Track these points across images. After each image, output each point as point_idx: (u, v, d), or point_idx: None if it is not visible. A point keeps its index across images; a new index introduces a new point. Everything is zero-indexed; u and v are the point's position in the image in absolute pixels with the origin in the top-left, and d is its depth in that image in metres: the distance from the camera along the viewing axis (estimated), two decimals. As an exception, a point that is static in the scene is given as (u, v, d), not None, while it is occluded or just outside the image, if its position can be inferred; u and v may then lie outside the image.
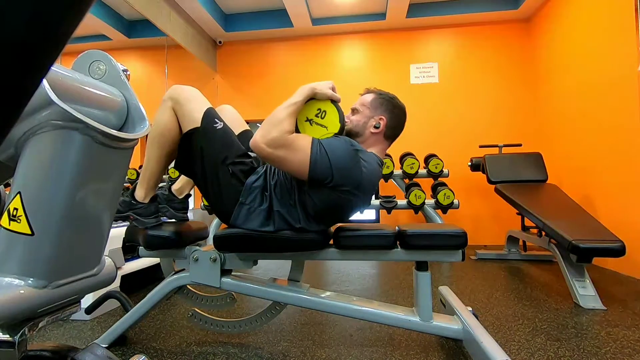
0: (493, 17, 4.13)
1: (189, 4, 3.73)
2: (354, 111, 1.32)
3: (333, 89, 1.19)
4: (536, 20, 3.99)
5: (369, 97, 1.31)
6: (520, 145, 3.45)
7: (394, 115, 1.28)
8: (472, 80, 4.23)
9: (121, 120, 0.83)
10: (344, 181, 1.11)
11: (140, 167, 3.80)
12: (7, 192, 0.72)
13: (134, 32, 4.50)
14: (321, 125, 1.18)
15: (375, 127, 1.26)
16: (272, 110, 1.15)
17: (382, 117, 1.26)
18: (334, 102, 1.19)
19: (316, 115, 1.18)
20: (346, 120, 1.26)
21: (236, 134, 1.34)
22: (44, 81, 0.62)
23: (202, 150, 1.19)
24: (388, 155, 3.37)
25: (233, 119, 1.43)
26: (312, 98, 1.18)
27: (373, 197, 2.14)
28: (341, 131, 1.19)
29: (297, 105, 1.15)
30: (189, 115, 1.21)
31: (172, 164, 1.34)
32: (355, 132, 1.28)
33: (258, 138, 1.10)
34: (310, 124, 1.19)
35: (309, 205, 1.18)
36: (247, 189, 1.20)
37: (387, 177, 3.36)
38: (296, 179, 1.19)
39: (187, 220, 1.46)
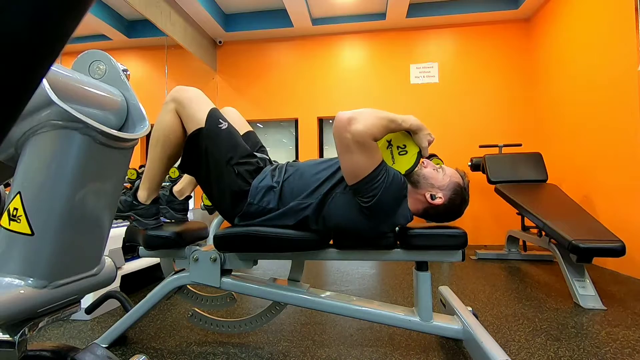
0: (493, 17, 4.13)
1: (189, 4, 3.73)
2: (437, 167, 1.26)
3: (429, 143, 1.16)
4: (536, 20, 4.00)
5: (454, 178, 1.25)
6: (520, 145, 3.45)
7: (451, 204, 1.23)
8: (472, 80, 4.24)
9: (121, 120, 0.83)
10: (375, 212, 1.13)
11: (141, 167, 3.80)
12: (7, 192, 0.72)
13: (134, 32, 4.50)
14: (392, 157, 1.19)
15: (431, 197, 1.21)
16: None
17: (442, 196, 1.21)
18: (419, 154, 1.18)
19: (398, 147, 1.19)
20: (421, 167, 1.23)
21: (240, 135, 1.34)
22: (44, 81, 0.62)
23: (207, 151, 1.19)
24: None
25: (237, 121, 1.42)
26: (409, 132, 1.16)
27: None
28: (404, 173, 1.19)
29: (398, 127, 1.13)
30: (192, 116, 1.20)
31: (175, 164, 1.33)
32: (415, 180, 1.22)
33: (348, 119, 1.06)
34: (387, 148, 1.19)
35: (327, 211, 1.18)
36: (254, 189, 1.20)
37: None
38: (334, 179, 1.19)
39: (187, 221, 1.46)
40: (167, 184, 1.52)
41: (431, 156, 3.49)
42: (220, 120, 1.22)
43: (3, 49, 0.22)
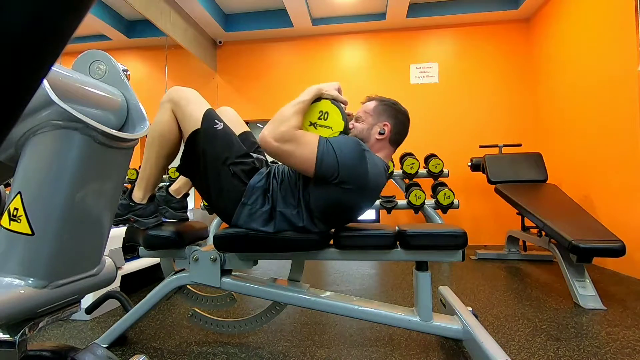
0: (493, 17, 4.13)
1: (189, 4, 3.73)
2: (358, 119, 1.32)
3: (339, 90, 1.20)
4: (536, 20, 3.99)
5: (372, 104, 1.31)
6: (520, 145, 3.45)
7: (398, 121, 1.29)
8: (472, 80, 4.23)
9: (121, 120, 0.83)
10: (349, 179, 1.12)
11: (141, 167, 3.79)
12: (7, 192, 0.72)
13: (134, 32, 4.50)
14: (325, 127, 1.19)
15: (380, 134, 1.27)
16: (274, 110, 1.15)
17: (387, 123, 1.27)
18: (335, 102, 1.20)
19: (319, 118, 1.20)
20: (350, 126, 1.27)
21: (237, 134, 1.35)
22: (44, 81, 0.62)
23: (204, 151, 1.20)
24: (388, 156, 3.37)
25: (233, 120, 1.43)
26: (319, 99, 1.18)
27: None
28: (345, 130, 1.20)
29: (304, 104, 1.16)
30: (188, 117, 1.21)
31: (172, 164, 1.33)
32: (361, 138, 1.27)
33: (266, 133, 1.11)
34: (315, 127, 1.20)
35: (313, 204, 1.18)
36: (249, 189, 1.20)
37: (388, 177, 3.36)
38: (302, 179, 1.20)
39: (187, 219, 1.46)
40: (166, 184, 1.52)
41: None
42: (216, 120, 1.23)
43: (3, 49, 0.22)
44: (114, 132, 0.71)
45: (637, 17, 2.49)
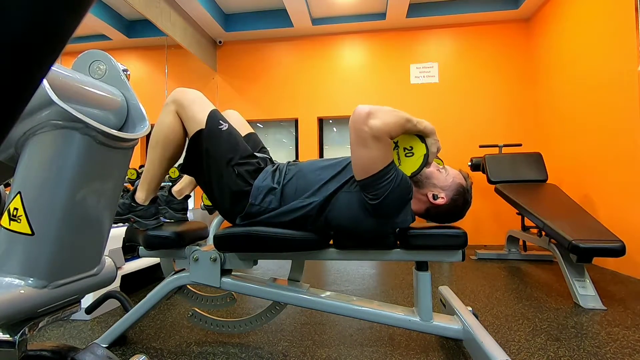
0: (493, 17, 4.13)
1: (189, 4, 3.73)
2: (440, 167, 1.27)
3: (438, 150, 1.17)
4: (536, 20, 3.99)
5: (457, 179, 1.26)
6: (520, 145, 3.45)
7: (453, 204, 1.24)
8: (472, 80, 4.23)
9: (121, 120, 0.83)
10: (380, 211, 1.12)
11: (141, 167, 3.79)
12: (7, 192, 0.72)
13: (134, 32, 4.50)
14: (398, 159, 1.18)
15: (433, 197, 1.22)
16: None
17: (445, 197, 1.22)
18: (427, 155, 1.16)
19: (404, 149, 1.18)
20: (425, 168, 1.23)
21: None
22: (44, 81, 0.62)
23: (208, 152, 1.19)
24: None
25: (238, 123, 1.42)
26: (420, 136, 1.16)
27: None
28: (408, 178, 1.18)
29: (413, 128, 1.12)
30: (193, 118, 1.20)
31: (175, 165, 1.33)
32: (418, 180, 1.24)
33: (367, 113, 1.06)
34: (393, 149, 1.17)
35: (330, 206, 1.18)
36: (255, 189, 1.20)
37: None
38: (340, 179, 1.19)
39: (187, 221, 1.46)
40: (167, 184, 1.52)
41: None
42: (220, 121, 1.22)
43: (3, 49, 0.22)
44: (114, 132, 0.71)
45: (637, 17, 2.49)
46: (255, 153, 1.28)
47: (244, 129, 1.44)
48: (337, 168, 1.23)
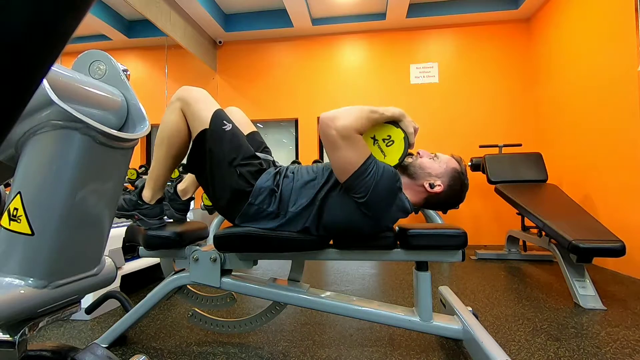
0: (493, 17, 4.13)
1: (189, 4, 3.73)
2: (432, 155, 1.28)
3: (415, 131, 1.17)
4: (536, 20, 4.00)
5: (450, 164, 1.26)
6: (520, 145, 3.45)
7: (451, 190, 1.23)
8: (472, 80, 4.24)
9: (121, 120, 0.83)
10: (372, 205, 1.12)
11: (141, 167, 3.79)
12: (7, 192, 0.72)
13: (134, 32, 4.50)
14: (382, 152, 1.18)
15: (430, 186, 1.22)
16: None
17: (442, 184, 1.22)
18: (407, 139, 1.17)
19: (384, 140, 1.18)
20: (413, 158, 1.24)
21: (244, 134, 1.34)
22: (44, 81, 0.62)
23: (211, 151, 1.19)
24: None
25: (241, 121, 1.42)
26: (394, 123, 1.17)
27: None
28: (395, 167, 1.18)
29: (381, 118, 1.14)
30: (197, 116, 1.21)
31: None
32: (412, 172, 1.24)
33: (331, 117, 1.08)
34: (374, 144, 1.18)
35: (325, 212, 1.18)
36: (256, 190, 1.20)
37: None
38: (328, 183, 1.19)
39: (186, 221, 1.46)
40: (173, 182, 1.52)
41: (408, 154, 3.47)
42: (224, 121, 1.22)
43: (3, 49, 0.22)
44: (114, 132, 0.71)
45: (637, 17, 2.49)
46: (257, 154, 1.28)
47: (246, 127, 1.44)
48: (327, 172, 1.23)
